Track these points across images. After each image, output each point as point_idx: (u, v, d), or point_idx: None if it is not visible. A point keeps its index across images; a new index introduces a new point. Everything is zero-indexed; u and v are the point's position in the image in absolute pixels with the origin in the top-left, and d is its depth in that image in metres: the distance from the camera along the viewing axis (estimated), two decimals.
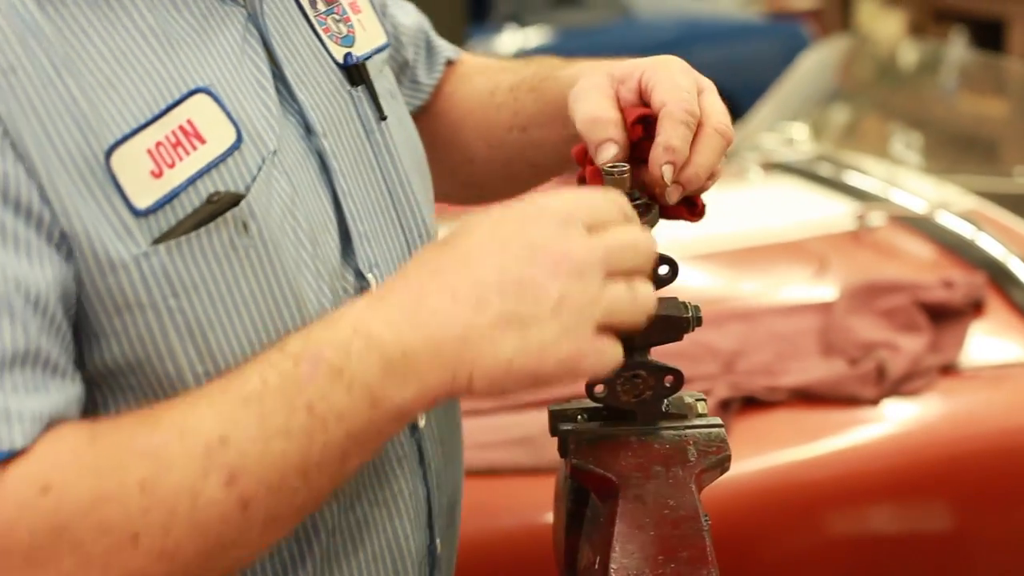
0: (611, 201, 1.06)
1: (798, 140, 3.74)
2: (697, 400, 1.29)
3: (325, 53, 1.24)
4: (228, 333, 1.08)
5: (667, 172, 1.19)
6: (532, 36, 7.43)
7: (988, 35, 6.70)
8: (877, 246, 2.97)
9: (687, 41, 7.47)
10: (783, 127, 3.84)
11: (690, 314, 1.24)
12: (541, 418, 1.71)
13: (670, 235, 3.05)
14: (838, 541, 2.25)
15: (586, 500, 1.26)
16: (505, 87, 1.48)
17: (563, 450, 1.24)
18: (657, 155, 1.19)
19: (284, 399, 0.98)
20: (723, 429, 1.25)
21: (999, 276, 2.71)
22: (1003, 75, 4.41)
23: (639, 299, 1.04)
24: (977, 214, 3.02)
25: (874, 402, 2.34)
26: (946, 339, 2.52)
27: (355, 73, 1.26)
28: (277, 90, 1.17)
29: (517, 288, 1.00)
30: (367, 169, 1.25)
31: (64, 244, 1.00)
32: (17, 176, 0.98)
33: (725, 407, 2.30)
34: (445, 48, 1.57)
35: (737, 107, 5.24)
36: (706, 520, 1.17)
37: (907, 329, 2.52)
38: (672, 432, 1.24)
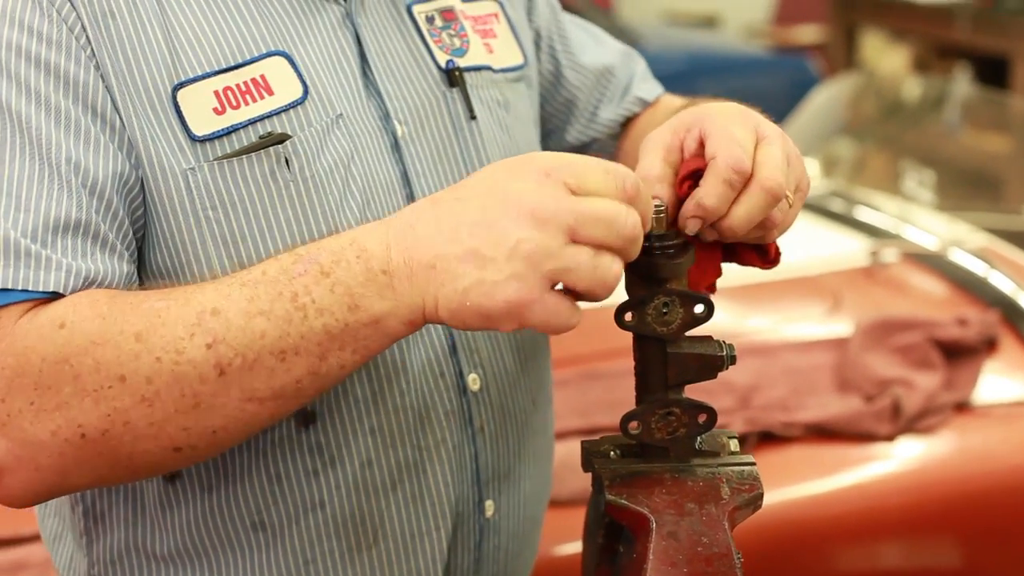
0: (610, 174, 1.13)
1: (810, 176, 3.75)
2: (730, 438, 1.30)
3: (428, 57, 1.43)
4: (260, 248, 1.26)
5: (691, 226, 1.23)
6: None
7: (993, 71, 6.72)
8: (890, 282, 2.98)
9: (694, 74, 7.48)
10: None
11: (724, 352, 1.25)
12: (560, 451, 1.73)
13: None
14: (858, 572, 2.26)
15: (618, 535, 1.27)
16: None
17: (597, 486, 1.25)
18: (687, 208, 1.23)
19: (274, 287, 1.14)
20: (756, 467, 1.26)
21: (1012, 314, 2.72)
22: (1007, 111, 4.44)
23: (599, 269, 1.11)
24: (989, 251, 3.03)
25: (889, 438, 2.34)
26: (960, 376, 2.52)
27: (453, 77, 1.43)
28: (364, 75, 1.36)
29: (485, 229, 1.11)
30: (449, 158, 1.42)
31: (132, 150, 1.23)
32: (96, 87, 1.22)
33: (742, 442, 2.30)
34: (644, 89, 1.71)
35: None
36: (739, 558, 1.18)
37: (922, 366, 2.53)
38: (706, 469, 1.26)
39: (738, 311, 2.96)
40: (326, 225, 1.28)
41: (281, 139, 1.27)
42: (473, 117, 1.44)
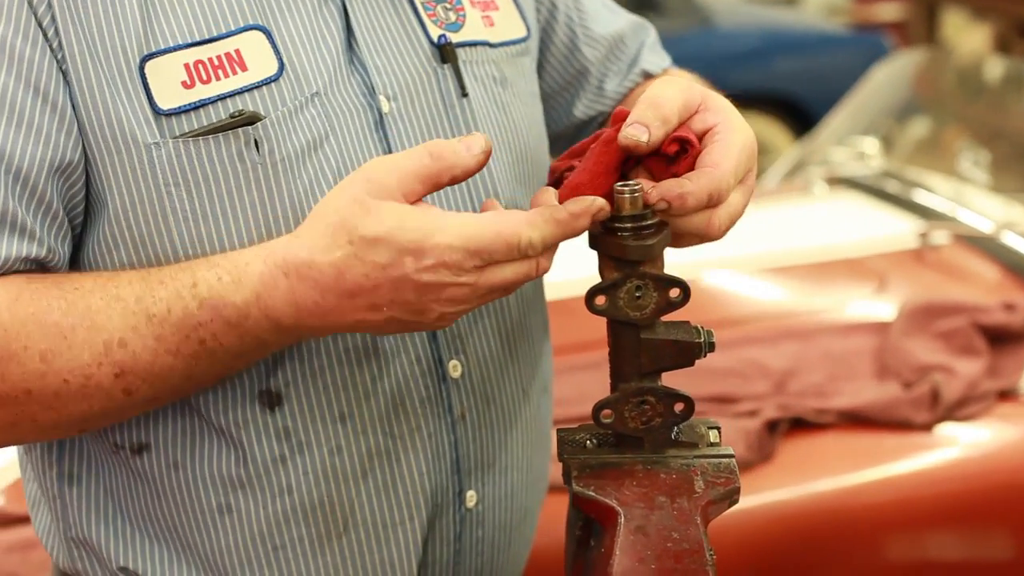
0: (488, 248, 1.14)
1: (868, 154, 3.67)
2: (710, 428, 1.24)
3: (420, 31, 1.37)
4: (221, 228, 1.23)
5: (662, 205, 1.19)
6: None
7: None
8: (940, 265, 2.90)
9: (767, 51, 7.39)
10: (853, 141, 3.77)
11: (703, 339, 1.19)
12: None
13: (729, 251, 3.02)
14: (887, 570, 2.19)
15: (593, 528, 1.22)
16: None
17: (566, 476, 1.20)
18: (669, 190, 1.19)
19: (181, 331, 1.18)
20: (733, 459, 1.21)
21: None
22: None
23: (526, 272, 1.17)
24: None
25: (927, 427, 2.27)
26: (1005, 363, 2.44)
27: (445, 52, 1.38)
28: (348, 50, 1.32)
29: (407, 310, 1.17)
30: (440, 135, 1.35)
31: (81, 129, 1.20)
32: (43, 63, 1.19)
33: (772, 428, 2.24)
34: (651, 61, 1.62)
35: (815, 118, 5.15)
36: (711, 555, 1.12)
37: (964, 352, 2.45)
38: (680, 461, 1.20)
39: (781, 292, 2.90)
40: (293, 210, 1.25)
41: (251, 120, 1.23)
42: (465, 94, 1.38)
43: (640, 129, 1.19)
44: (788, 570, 2.10)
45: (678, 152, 1.20)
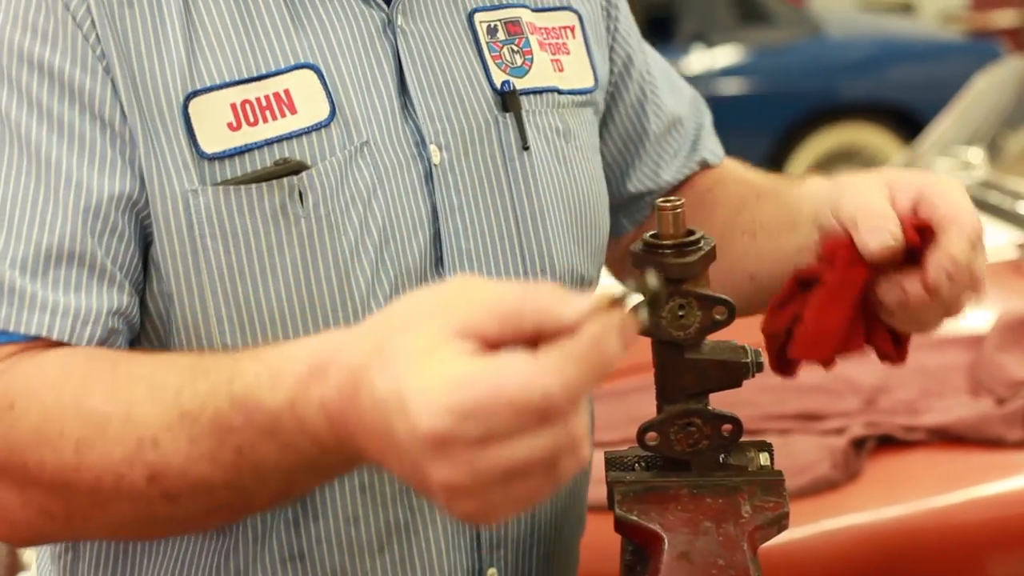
0: (515, 404, 0.83)
1: (972, 164, 3.59)
2: (761, 451, 1.21)
3: (483, 75, 1.27)
4: (259, 288, 1.14)
5: (944, 284, 1.13)
6: (720, 56, 7.32)
7: None
8: None
9: (880, 60, 7.30)
10: (957, 151, 3.69)
11: (750, 359, 1.16)
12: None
13: None
14: None
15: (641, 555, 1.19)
16: (753, 195, 1.44)
17: (611, 500, 1.17)
18: (938, 261, 1.13)
19: (215, 434, 0.99)
20: (783, 483, 1.17)
21: None
22: None
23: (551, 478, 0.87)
24: None
25: (1021, 445, 2.20)
26: None
27: (508, 100, 1.27)
28: (401, 94, 1.22)
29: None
30: (494, 192, 1.26)
31: (137, 161, 1.11)
32: (104, 94, 1.11)
33: (858, 447, 2.19)
34: (709, 150, 1.52)
35: (928, 127, 5.02)
36: None
37: None
38: (727, 485, 1.17)
39: None
40: (334, 268, 1.15)
41: (297, 168, 1.14)
42: (526, 147, 1.28)
43: (885, 236, 1.14)
44: None
45: (920, 242, 1.15)
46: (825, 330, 1.14)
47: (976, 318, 2.63)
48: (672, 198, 1.15)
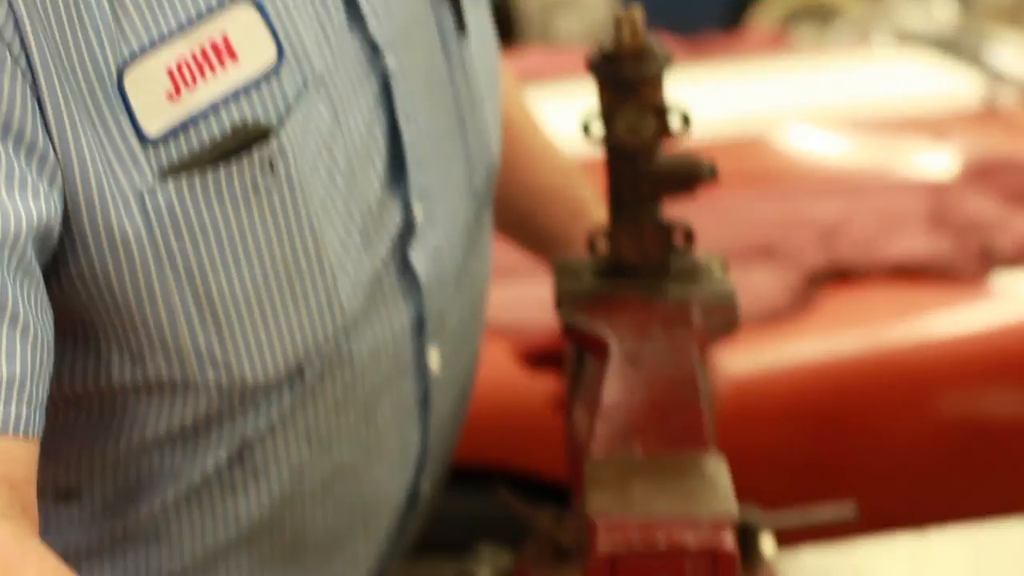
0: None
1: (939, 16, 3.57)
2: (715, 263, 1.21)
3: None
4: (233, 279, 0.97)
5: None
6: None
7: None
8: (1006, 126, 2.82)
9: None
10: (927, 2, 3.68)
11: (704, 167, 1.16)
12: None
13: (786, 103, 2.96)
14: (937, 422, 2.15)
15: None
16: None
17: (558, 306, 1.18)
18: None
19: None
20: (733, 291, 1.17)
21: None
22: None
23: None
24: None
25: (975, 279, 2.22)
26: None
27: None
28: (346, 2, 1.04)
29: None
30: (438, 87, 1.14)
31: (57, 177, 0.89)
32: (23, 102, 0.87)
33: (814, 280, 2.21)
34: None
35: None
36: (706, 386, 1.09)
37: (1022, 209, 2.39)
38: (679, 293, 1.17)
39: (838, 147, 2.84)
40: (311, 237, 0.99)
41: (263, 133, 0.95)
42: (462, 28, 1.15)
43: None
44: (826, 423, 2.08)
45: None
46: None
47: (940, 165, 2.64)
48: (632, 5, 1.14)
